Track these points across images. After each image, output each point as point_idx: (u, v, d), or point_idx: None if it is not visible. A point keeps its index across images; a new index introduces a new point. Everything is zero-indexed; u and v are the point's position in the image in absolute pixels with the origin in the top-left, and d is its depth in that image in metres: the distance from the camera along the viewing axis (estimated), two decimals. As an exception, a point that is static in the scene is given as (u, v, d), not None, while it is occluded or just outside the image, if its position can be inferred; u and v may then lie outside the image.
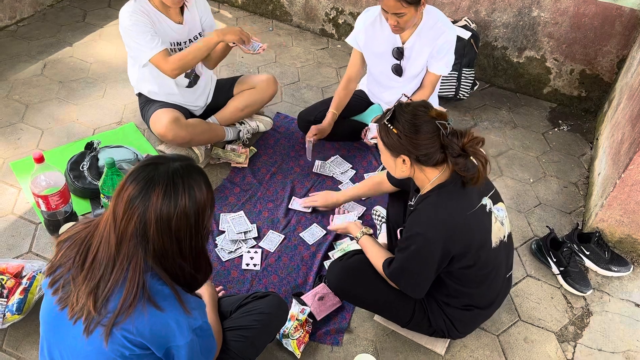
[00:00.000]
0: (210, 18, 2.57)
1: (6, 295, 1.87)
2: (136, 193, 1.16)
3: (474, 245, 1.64)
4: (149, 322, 1.17)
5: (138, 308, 1.16)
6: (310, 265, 2.23)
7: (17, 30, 3.48)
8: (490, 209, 1.69)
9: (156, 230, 1.16)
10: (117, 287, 1.17)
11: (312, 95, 3.22)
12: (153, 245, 1.17)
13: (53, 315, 1.26)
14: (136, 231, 1.16)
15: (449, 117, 1.59)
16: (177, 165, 1.21)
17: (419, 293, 1.74)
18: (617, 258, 2.35)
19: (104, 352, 1.19)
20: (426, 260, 1.64)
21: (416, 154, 1.60)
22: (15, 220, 2.29)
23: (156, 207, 1.15)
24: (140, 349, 1.20)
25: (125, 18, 2.28)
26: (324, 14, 3.73)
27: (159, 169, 1.19)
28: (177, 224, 1.18)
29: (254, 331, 1.62)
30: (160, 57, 2.31)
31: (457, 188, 1.63)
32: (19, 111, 2.85)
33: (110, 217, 1.19)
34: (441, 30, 2.43)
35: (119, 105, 2.98)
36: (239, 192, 2.53)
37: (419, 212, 1.67)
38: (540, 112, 3.32)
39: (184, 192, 1.18)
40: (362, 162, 2.77)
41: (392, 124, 1.61)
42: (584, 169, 2.91)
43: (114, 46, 3.44)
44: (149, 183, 1.16)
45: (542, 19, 3.13)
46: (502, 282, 1.86)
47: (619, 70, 3.11)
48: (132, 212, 1.15)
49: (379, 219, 2.39)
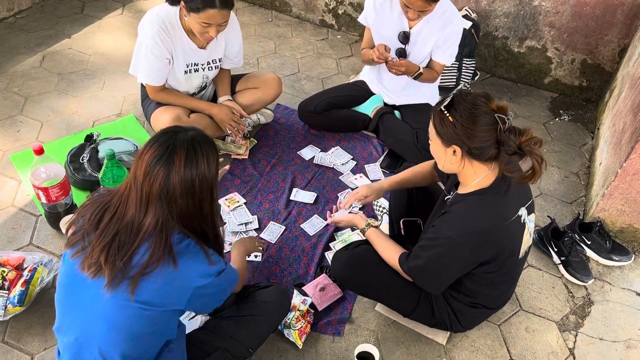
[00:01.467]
0: (239, 46, 2.54)
1: (7, 287, 1.87)
2: (158, 157, 1.25)
3: (503, 254, 1.61)
4: (170, 279, 1.26)
5: (164, 263, 1.25)
6: (312, 256, 2.23)
7: (15, 22, 3.46)
8: (524, 220, 1.64)
9: (181, 192, 1.26)
10: (143, 243, 1.26)
11: (312, 86, 3.21)
12: (178, 207, 1.27)
13: (71, 275, 1.31)
14: (161, 193, 1.25)
15: (509, 112, 1.51)
16: (193, 133, 1.32)
17: (437, 290, 1.73)
18: (618, 247, 2.35)
19: (128, 306, 1.25)
20: (452, 263, 1.62)
21: (469, 146, 1.51)
22: (15, 212, 2.29)
23: (179, 170, 1.25)
24: (156, 307, 1.29)
25: (147, 35, 2.24)
26: (324, 4, 3.70)
27: (178, 136, 1.29)
28: (199, 186, 1.29)
29: (256, 320, 1.63)
30: (153, 87, 2.38)
31: (499, 195, 1.56)
32: (18, 103, 2.84)
33: (131, 181, 1.28)
34: (449, 19, 2.43)
35: (119, 97, 2.97)
36: (239, 183, 2.52)
37: (454, 215, 1.60)
38: (541, 102, 3.31)
39: (203, 157, 1.29)
40: (363, 153, 2.76)
41: (448, 112, 1.52)
42: (585, 159, 2.91)
43: (113, 38, 3.42)
44: (170, 147, 1.26)
45: (543, 8, 3.11)
46: (514, 288, 1.85)
47: (620, 60, 3.09)
48: (156, 174, 1.24)
49: (380, 210, 2.39)
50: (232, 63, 2.59)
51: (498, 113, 1.49)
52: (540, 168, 1.47)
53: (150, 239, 1.26)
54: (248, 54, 3.42)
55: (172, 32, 2.27)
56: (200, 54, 2.40)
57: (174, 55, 2.33)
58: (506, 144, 1.48)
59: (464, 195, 1.61)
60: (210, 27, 2.16)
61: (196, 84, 2.51)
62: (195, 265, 1.31)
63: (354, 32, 3.72)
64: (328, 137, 2.83)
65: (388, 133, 2.71)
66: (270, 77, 2.70)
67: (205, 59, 2.43)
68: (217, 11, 2.11)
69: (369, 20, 2.59)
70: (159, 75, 2.35)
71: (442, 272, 1.66)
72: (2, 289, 1.86)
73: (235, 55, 2.56)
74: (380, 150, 2.78)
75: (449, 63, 2.57)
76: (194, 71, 2.44)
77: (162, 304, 1.29)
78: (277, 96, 2.74)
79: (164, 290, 1.27)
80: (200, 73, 2.46)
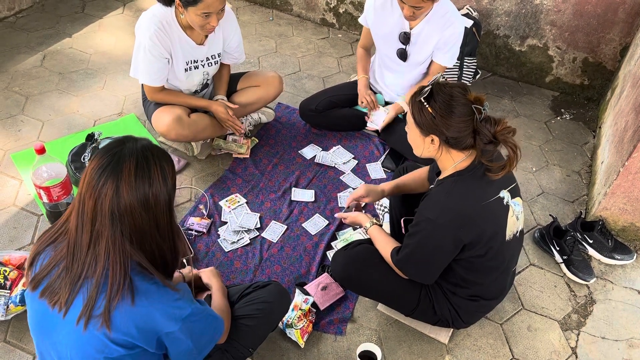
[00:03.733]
0: (237, 40, 2.53)
1: (9, 286, 1.87)
2: (103, 168, 1.12)
3: (485, 235, 1.62)
4: (132, 316, 1.15)
5: (124, 297, 1.13)
6: (313, 255, 2.22)
7: (16, 22, 3.46)
8: (507, 202, 1.66)
9: (133, 208, 1.13)
10: (102, 277, 1.14)
11: (313, 85, 3.21)
12: (131, 225, 1.14)
13: (41, 313, 1.21)
14: (112, 210, 1.12)
15: (485, 103, 1.56)
16: (145, 143, 1.19)
17: (428, 279, 1.74)
18: (620, 246, 2.34)
19: (108, 346, 1.16)
20: (435, 246, 1.64)
21: (447, 136, 1.58)
22: (17, 212, 2.29)
23: (130, 182, 1.12)
24: (126, 348, 1.17)
25: (145, 36, 2.23)
26: (325, 3, 3.70)
27: (126, 146, 1.16)
28: (154, 201, 1.16)
29: (256, 320, 1.62)
30: (152, 87, 2.37)
31: (476, 177, 1.61)
32: (19, 103, 2.83)
33: (77, 200, 1.16)
34: (450, 21, 2.42)
35: (120, 96, 2.96)
36: (241, 182, 2.52)
37: (432, 197, 1.66)
38: (542, 100, 3.31)
39: (156, 168, 1.16)
40: (364, 152, 2.76)
41: (427, 103, 1.58)
42: (586, 158, 2.90)
43: (113, 37, 3.42)
44: (117, 157, 1.13)
45: (544, 7, 3.10)
46: (510, 275, 1.85)
47: (622, 58, 3.09)
48: (102, 188, 1.11)
49: (382, 209, 2.38)
50: (232, 58, 2.59)
51: (475, 104, 1.55)
52: (515, 155, 1.55)
53: (108, 270, 1.13)
54: (249, 53, 3.42)
55: (169, 30, 2.26)
56: (199, 51, 2.40)
57: (173, 53, 2.32)
58: (482, 133, 1.55)
59: (442, 179, 1.67)
60: (211, 17, 2.15)
61: (197, 81, 2.51)
62: (157, 305, 1.16)
63: (355, 31, 3.72)
64: (329, 136, 2.83)
65: (390, 131, 2.70)
66: (271, 76, 2.69)
67: (204, 55, 2.43)
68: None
69: (369, 20, 2.59)
70: (159, 75, 2.34)
71: (428, 259, 1.67)
72: (3, 288, 1.86)
73: (235, 50, 2.55)
74: (381, 149, 2.78)
75: (450, 65, 2.57)
76: (194, 68, 2.43)
77: (137, 341, 1.18)
78: (278, 94, 2.73)
79: (130, 326, 1.15)
80: (200, 70, 2.46)
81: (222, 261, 2.17)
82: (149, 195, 1.14)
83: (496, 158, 1.60)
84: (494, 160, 1.59)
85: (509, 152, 1.55)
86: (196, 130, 2.46)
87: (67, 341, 1.19)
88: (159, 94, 2.41)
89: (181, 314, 1.20)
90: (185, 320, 1.21)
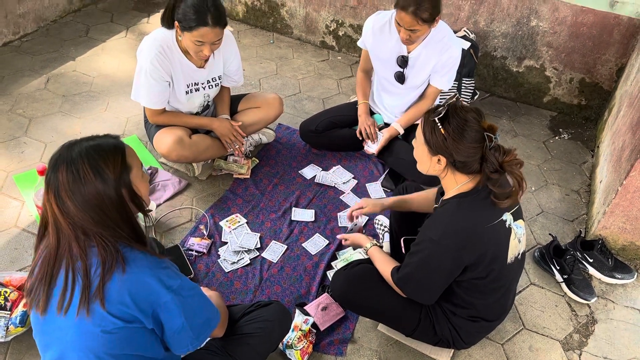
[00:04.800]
0: (237, 64, 2.57)
1: (9, 307, 1.87)
2: (46, 175, 1.21)
3: (487, 257, 1.62)
4: (125, 284, 1.20)
5: (118, 268, 1.20)
6: (313, 275, 2.22)
7: (21, 46, 3.52)
8: (510, 225, 1.66)
9: (79, 210, 1.18)
10: (93, 258, 1.21)
11: (313, 106, 3.24)
12: (88, 223, 1.20)
13: (41, 320, 1.26)
14: (67, 219, 1.19)
15: (497, 132, 1.58)
16: (87, 144, 1.24)
17: (428, 299, 1.73)
18: (620, 265, 2.34)
19: (105, 317, 1.20)
20: (437, 267, 1.63)
21: (455, 159, 1.59)
22: (18, 233, 2.30)
23: (65, 188, 1.18)
24: (124, 320, 1.22)
25: (146, 60, 2.27)
26: (324, 26, 3.76)
27: (66, 151, 1.23)
28: (98, 201, 1.20)
29: (257, 339, 1.62)
30: (153, 110, 2.40)
31: (480, 199, 1.61)
32: (23, 125, 2.87)
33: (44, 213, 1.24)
34: (448, 45, 2.45)
35: (122, 118, 3.00)
36: (241, 203, 2.53)
37: (435, 217, 1.66)
38: (540, 120, 3.33)
39: (89, 170, 1.19)
40: (364, 172, 2.77)
41: (441, 124, 1.58)
42: (585, 177, 2.92)
43: (116, 60, 3.47)
44: (54, 163, 1.22)
45: (540, 29, 3.15)
46: (512, 297, 1.85)
47: (618, 79, 3.12)
48: (52, 202, 1.19)
49: (382, 229, 2.39)
50: (232, 81, 2.63)
51: (487, 132, 1.56)
52: (520, 187, 1.56)
53: (92, 249, 1.21)
54: (250, 75, 3.46)
55: (170, 54, 2.30)
56: (200, 74, 2.43)
57: (174, 77, 2.36)
58: (489, 160, 1.55)
59: (446, 200, 1.68)
60: (204, 46, 2.20)
61: (198, 103, 2.54)
62: (146, 270, 1.23)
63: (354, 53, 3.77)
64: (329, 157, 2.85)
65: (388, 152, 2.72)
66: (271, 97, 2.73)
67: (205, 78, 2.47)
68: (210, 29, 2.15)
69: (367, 44, 2.63)
70: (160, 98, 2.38)
71: (429, 279, 1.67)
72: (3, 309, 1.86)
73: (234, 73, 2.59)
74: (381, 169, 2.80)
75: (446, 88, 2.59)
76: (194, 91, 2.47)
77: (134, 312, 1.22)
78: (278, 116, 2.76)
79: (123, 294, 1.20)
80: (201, 92, 2.49)
81: (222, 281, 2.17)
82: (88, 196, 1.19)
83: (503, 184, 1.60)
84: (501, 186, 1.58)
85: (514, 184, 1.56)
86: (197, 151, 2.49)
87: (66, 329, 1.23)
88: (160, 117, 2.44)
89: (171, 283, 1.25)
90: (177, 291, 1.25)
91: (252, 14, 3.96)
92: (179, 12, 2.15)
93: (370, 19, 2.59)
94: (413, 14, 2.23)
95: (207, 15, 2.12)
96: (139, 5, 4.12)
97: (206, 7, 2.12)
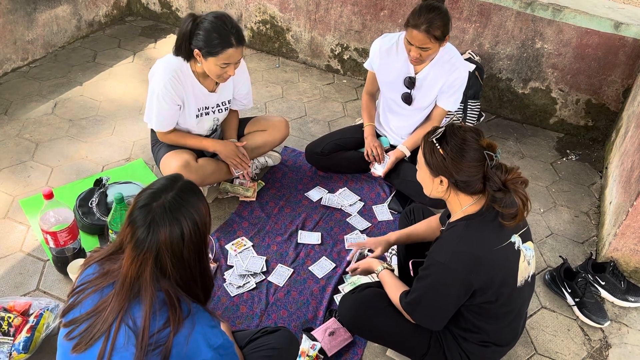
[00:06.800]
0: (247, 88, 2.60)
1: (13, 333, 1.85)
2: (143, 236, 1.17)
3: (496, 280, 1.59)
4: (183, 340, 1.18)
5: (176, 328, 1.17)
6: (320, 299, 2.19)
7: (29, 71, 3.56)
8: (518, 247, 1.64)
9: (172, 265, 1.19)
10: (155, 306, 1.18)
11: (318, 129, 3.24)
12: (172, 277, 1.20)
13: (70, 356, 1.20)
14: (153, 272, 1.18)
15: (498, 150, 1.56)
16: (170, 196, 1.22)
17: (436, 325, 1.69)
18: (633, 288, 2.30)
19: None
20: (445, 291, 1.60)
21: (456, 179, 1.58)
22: (23, 257, 2.28)
23: (167, 244, 1.17)
24: None
25: (159, 83, 2.28)
26: (329, 50, 3.79)
27: (153, 207, 1.20)
28: (187, 253, 1.21)
29: (265, 367, 1.59)
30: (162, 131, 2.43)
31: (487, 221, 1.59)
32: (30, 149, 2.88)
33: (126, 263, 1.20)
34: (455, 66, 2.47)
35: (128, 142, 3.01)
36: (247, 226, 2.52)
37: (443, 241, 1.64)
38: (547, 142, 3.32)
39: (186, 220, 1.20)
40: (370, 194, 2.76)
41: (439, 144, 1.58)
42: (594, 198, 2.89)
43: (123, 84, 3.50)
44: (152, 223, 1.18)
45: (545, 51, 3.16)
46: (523, 321, 1.81)
47: (624, 99, 3.11)
48: (146, 254, 1.17)
49: (390, 252, 2.36)
50: (241, 104, 2.64)
51: (487, 150, 1.54)
52: (524, 207, 1.53)
53: (155, 304, 1.19)
54: (256, 98, 3.48)
55: (183, 79, 2.32)
56: (211, 98, 2.45)
57: (186, 100, 2.37)
58: (491, 179, 1.54)
59: (453, 222, 1.65)
60: (229, 66, 2.23)
61: (207, 127, 2.55)
62: (197, 327, 1.21)
63: (359, 76, 3.79)
64: (335, 179, 2.84)
65: (395, 174, 2.71)
66: (277, 120, 2.73)
67: (215, 102, 2.48)
68: (234, 50, 2.18)
69: (374, 65, 2.65)
70: (170, 121, 2.39)
71: (437, 303, 1.63)
72: (7, 335, 1.84)
73: (244, 97, 2.61)
74: (387, 191, 2.78)
75: (453, 109, 2.60)
76: (205, 114, 2.48)
77: None
78: (284, 138, 2.76)
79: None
80: (211, 116, 2.50)
81: (227, 306, 2.14)
82: (182, 251, 1.20)
83: (508, 204, 1.57)
84: (507, 206, 1.56)
85: (518, 203, 1.53)
86: (204, 174, 2.48)
87: None
88: (169, 135, 2.46)
89: (215, 342, 1.22)
90: (217, 350, 1.23)
91: (258, 38, 4.01)
92: (199, 40, 2.17)
93: (377, 41, 2.60)
94: (425, 31, 2.25)
95: (231, 37, 2.16)
96: (146, 31, 4.17)
97: (228, 29, 2.15)
